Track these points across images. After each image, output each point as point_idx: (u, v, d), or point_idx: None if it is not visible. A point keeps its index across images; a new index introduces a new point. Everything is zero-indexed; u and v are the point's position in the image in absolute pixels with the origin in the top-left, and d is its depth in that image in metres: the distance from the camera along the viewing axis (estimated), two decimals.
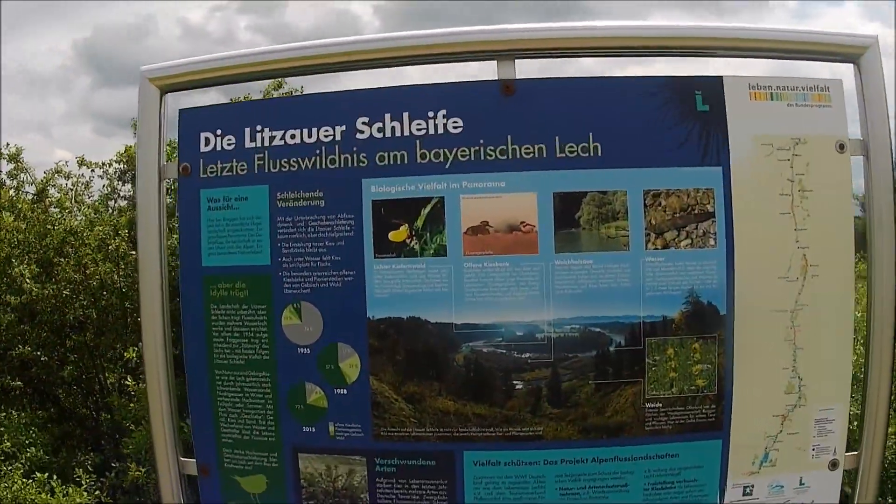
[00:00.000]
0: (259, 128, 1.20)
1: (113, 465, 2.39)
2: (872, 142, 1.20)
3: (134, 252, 2.52)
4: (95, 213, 2.95)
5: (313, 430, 1.16)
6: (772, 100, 1.17)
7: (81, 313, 2.75)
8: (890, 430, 1.40)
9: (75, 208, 2.98)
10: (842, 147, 1.17)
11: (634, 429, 1.13)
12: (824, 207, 1.15)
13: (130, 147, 2.94)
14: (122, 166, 3.08)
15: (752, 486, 1.18)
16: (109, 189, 3.08)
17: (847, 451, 1.19)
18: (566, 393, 1.12)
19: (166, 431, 1.25)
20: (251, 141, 1.19)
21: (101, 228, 2.69)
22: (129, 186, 3.06)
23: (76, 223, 2.84)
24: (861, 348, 1.41)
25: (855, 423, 1.27)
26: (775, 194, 1.15)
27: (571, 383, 1.12)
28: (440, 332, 1.12)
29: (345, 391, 1.15)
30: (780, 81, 1.17)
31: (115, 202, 3.13)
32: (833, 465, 1.18)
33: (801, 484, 1.19)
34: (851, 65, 1.19)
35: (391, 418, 1.14)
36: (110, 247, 2.63)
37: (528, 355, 1.12)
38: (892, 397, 1.25)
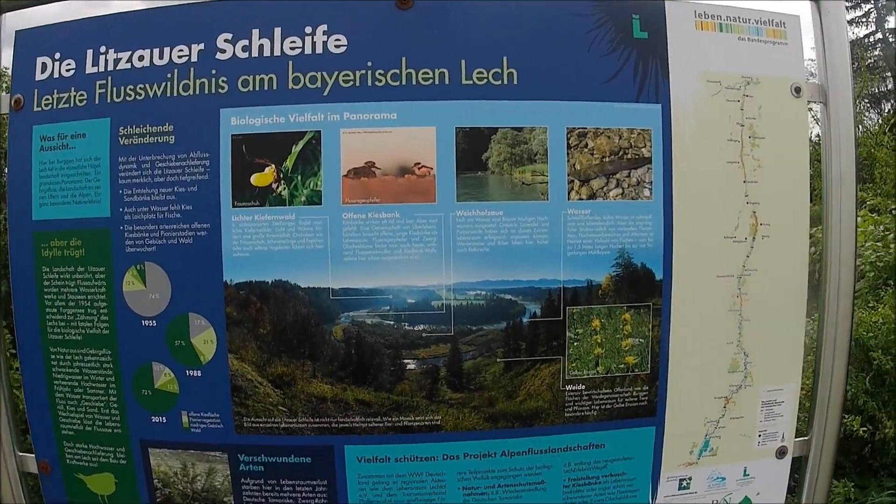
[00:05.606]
0: (103, 49, 0.99)
1: None
2: (832, 87, 1.08)
3: None
4: None
5: (163, 420, 0.98)
6: (720, 31, 1.01)
7: None
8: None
9: None
10: (798, 91, 1.04)
11: (552, 416, 0.97)
12: (777, 158, 1.04)
13: None
14: None
15: (690, 479, 1.05)
16: None
17: (796, 437, 1.09)
18: (469, 373, 0.95)
19: (1, 422, 1.07)
20: (93, 65, 0.99)
21: None
22: None
23: None
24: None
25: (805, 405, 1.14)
26: (722, 140, 1.01)
27: (475, 362, 0.95)
28: (314, 300, 0.94)
29: (199, 373, 0.96)
30: (731, 11, 1.04)
31: None
32: (781, 452, 1.08)
33: (745, 475, 1.07)
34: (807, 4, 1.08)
35: (256, 406, 0.95)
36: None
37: (422, 328, 0.95)
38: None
